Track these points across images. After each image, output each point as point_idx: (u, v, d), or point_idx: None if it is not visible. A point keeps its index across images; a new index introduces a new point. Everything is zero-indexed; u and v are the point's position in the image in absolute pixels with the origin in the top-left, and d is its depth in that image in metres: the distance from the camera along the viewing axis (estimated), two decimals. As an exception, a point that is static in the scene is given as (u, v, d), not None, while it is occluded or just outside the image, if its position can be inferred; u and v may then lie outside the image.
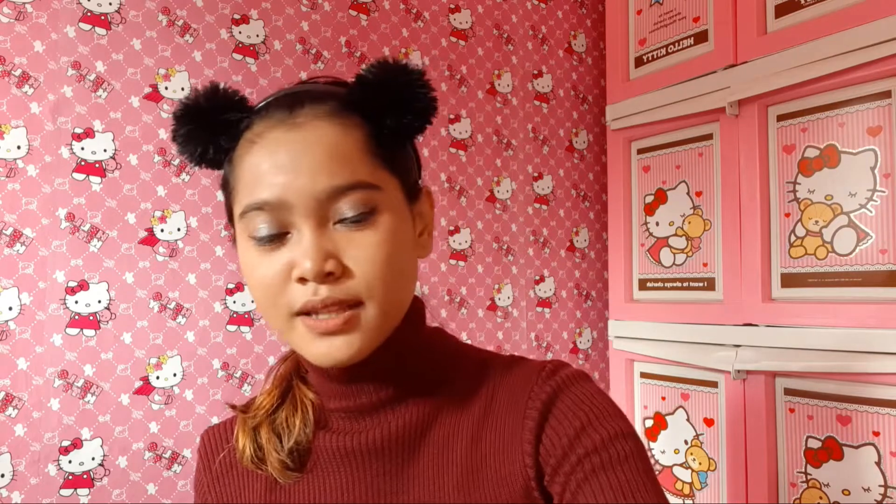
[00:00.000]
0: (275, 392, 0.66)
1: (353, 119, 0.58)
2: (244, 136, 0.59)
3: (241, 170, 0.58)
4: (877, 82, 1.16)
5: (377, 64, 0.58)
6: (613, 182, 1.69)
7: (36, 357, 1.15)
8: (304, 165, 0.55)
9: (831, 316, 1.20)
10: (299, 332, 0.57)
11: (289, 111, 0.57)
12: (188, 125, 0.59)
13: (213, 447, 0.69)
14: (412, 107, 0.58)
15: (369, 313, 0.56)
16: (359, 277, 0.55)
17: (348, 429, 0.62)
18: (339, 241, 0.55)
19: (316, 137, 0.56)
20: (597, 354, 1.82)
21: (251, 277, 0.58)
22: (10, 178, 1.15)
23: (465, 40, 1.66)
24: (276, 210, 0.55)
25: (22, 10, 1.17)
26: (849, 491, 1.17)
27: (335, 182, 0.55)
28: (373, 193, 0.56)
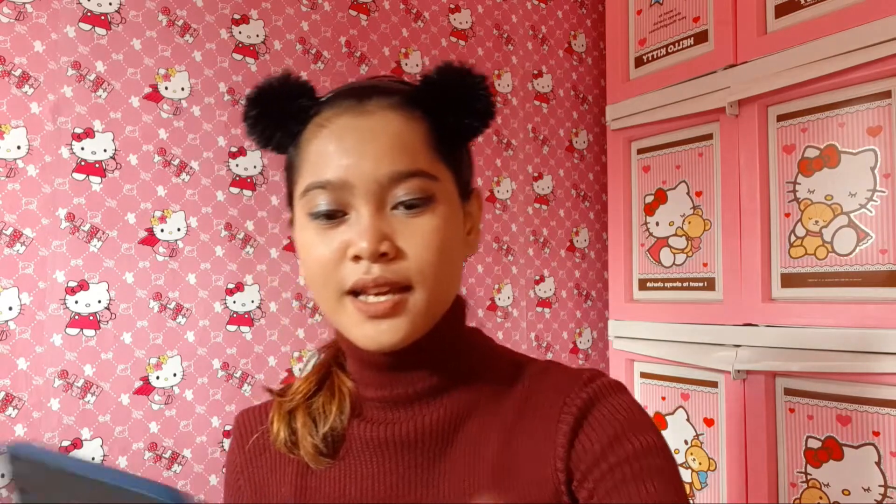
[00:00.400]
0: (313, 378, 0.67)
1: (417, 114, 0.60)
2: (312, 121, 0.61)
3: (307, 152, 0.60)
4: (877, 82, 1.16)
5: (443, 65, 0.61)
6: (613, 182, 1.69)
7: (36, 357, 1.15)
8: (369, 150, 0.57)
9: (831, 316, 1.20)
10: (348, 313, 0.59)
11: (357, 100, 0.60)
12: (260, 108, 0.62)
13: (247, 429, 0.70)
14: (473, 108, 0.61)
15: (417, 298, 0.58)
16: (411, 260, 0.57)
17: (383, 419, 0.63)
18: (396, 225, 0.57)
19: (382, 125, 0.59)
20: (597, 354, 1.82)
21: (307, 254, 0.60)
22: (10, 178, 1.15)
23: (465, 40, 1.66)
24: (337, 190, 0.57)
25: (22, 10, 1.17)
26: (849, 491, 1.17)
27: (397, 168, 0.57)
28: (431, 183, 0.59)
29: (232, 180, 1.35)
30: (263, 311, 1.36)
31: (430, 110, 0.61)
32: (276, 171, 1.39)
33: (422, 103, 0.61)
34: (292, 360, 1.39)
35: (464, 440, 0.62)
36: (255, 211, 1.37)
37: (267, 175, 1.38)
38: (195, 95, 1.32)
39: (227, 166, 1.34)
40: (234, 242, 1.34)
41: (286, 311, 1.39)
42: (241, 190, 1.36)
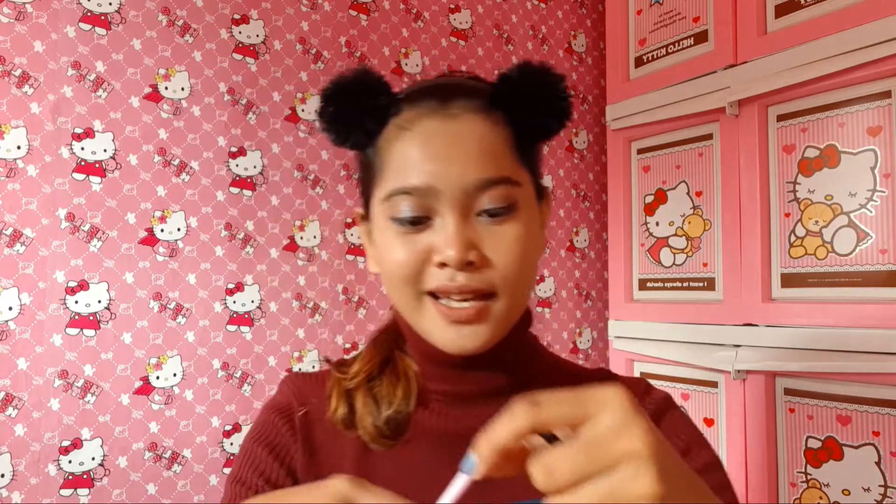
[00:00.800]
0: (374, 360, 0.67)
1: (499, 116, 0.60)
2: (393, 122, 0.60)
3: (389, 154, 0.60)
4: (877, 82, 1.16)
5: (522, 64, 0.60)
6: (613, 182, 1.69)
7: (36, 357, 1.15)
8: (456, 156, 0.57)
9: (831, 316, 1.20)
10: (429, 315, 0.59)
11: (441, 102, 0.59)
12: (337, 105, 0.61)
13: (304, 393, 0.68)
14: (552, 108, 0.60)
15: (499, 306, 0.59)
16: (496, 269, 0.57)
17: (448, 412, 0.63)
18: (480, 231, 0.58)
19: (468, 130, 0.58)
20: (597, 354, 1.82)
21: (388, 257, 0.60)
22: (10, 178, 1.15)
23: (465, 40, 1.66)
24: (423, 196, 0.57)
25: (22, 10, 1.17)
26: (849, 491, 1.17)
27: (484, 175, 0.57)
28: (514, 189, 0.59)
29: (232, 180, 1.35)
30: (263, 311, 1.36)
31: (510, 111, 0.60)
32: (276, 171, 1.40)
33: (502, 104, 0.60)
34: (292, 360, 1.39)
35: None
36: (255, 211, 1.37)
37: (267, 175, 1.38)
38: (195, 95, 1.32)
39: (227, 166, 1.34)
40: (234, 242, 1.34)
41: (286, 311, 1.39)
42: (241, 190, 1.36)
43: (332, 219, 1.45)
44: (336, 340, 1.44)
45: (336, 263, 1.45)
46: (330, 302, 1.44)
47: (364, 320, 1.48)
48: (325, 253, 1.44)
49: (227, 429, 1.31)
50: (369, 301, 1.49)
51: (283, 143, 1.41)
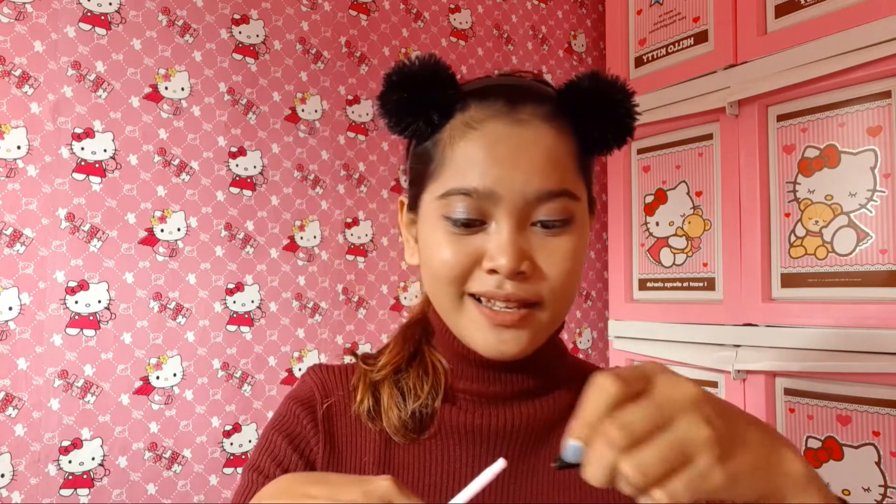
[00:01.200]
0: (402, 352, 0.66)
1: (566, 126, 0.59)
2: (458, 118, 0.59)
3: (451, 151, 0.58)
4: (877, 82, 1.16)
5: (593, 74, 0.59)
6: (613, 182, 1.69)
7: (36, 357, 1.15)
8: (521, 163, 0.56)
9: (831, 316, 1.20)
10: (470, 316, 0.59)
11: (511, 105, 0.58)
12: (402, 93, 0.59)
13: (327, 385, 0.67)
14: (620, 124, 0.59)
15: (543, 316, 0.58)
16: (546, 281, 0.57)
17: (476, 411, 0.63)
18: (535, 242, 0.57)
19: (536, 138, 0.57)
20: (597, 354, 1.82)
21: (434, 254, 0.59)
22: (10, 178, 1.15)
23: (465, 40, 1.66)
24: (482, 199, 0.56)
25: (22, 10, 1.17)
26: (849, 491, 1.17)
27: (547, 186, 0.56)
28: (573, 203, 0.58)
29: (232, 180, 1.35)
30: (263, 311, 1.36)
31: (577, 121, 0.59)
32: (276, 170, 1.40)
33: (570, 112, 0.59)
34: (292, 360, 1.39)
35: (554, 444, 0.62)
36: (255, 211, 1.37)
37: (267, 175, 1.38)
38: (195, 95, 1.32)
39: (227, 166, 1.34)
40: (234, 242, 1.34)
41: (286, 311, 1.39)
42: (241, 190, 1.36)
43: (332, 219, 1.45)
44: (336, 340, 1.44)
45: (336, 263, 1.45)
46: (330, 302, 1.44)
47: (364, 320, 1.48)
48: (325, 253, 1.44)
49: (227, 429, 1.31)
50: (369, 301, 1.49)
51: (282, 143, 1.41)
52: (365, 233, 1.49)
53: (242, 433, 1.32)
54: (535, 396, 0.64)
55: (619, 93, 0.59)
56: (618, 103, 0.59)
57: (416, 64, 0.59)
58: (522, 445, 0.62)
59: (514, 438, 0.62)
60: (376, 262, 1.50)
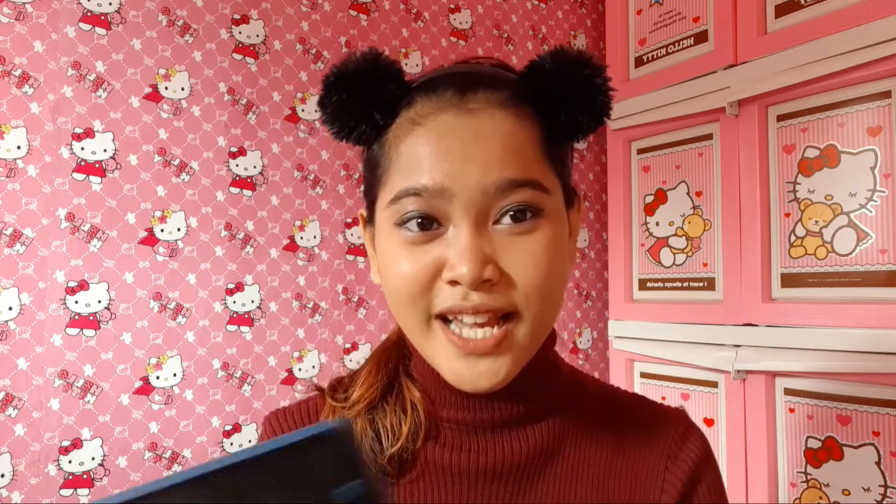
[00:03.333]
0: (376, 385, 0.59)
1: (527, 110, 0.52)
2: (404, 115, 0.53)
3: (397, 151, 0.52)
4: (877, 82, 1.16)
5: (556, 52, 0.52)
6: (613, 182, 1.69)
7: (36, 357, 1.15)
8: (476, 154, 0.49)
9: (831, 316, 1.20)
10: (438, 343, 0.52)
11: (460, 94, 0.52)
12: (341, 94, 0.53)
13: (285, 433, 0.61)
14: (589, 105, 0.52)
15: (522, 331, 0.51)
16: (517, 286, 0.50)
17: (462, 444, 0.56)
18: (499, 243, 0.50)
19: (492, 126, 0.51)
20: (597, 354, 1.82)
21: (391, 270, 0.52)
22: (10, 178, 1.15)
23: (465, 40, 1.66)
24: (434, 198, 0.50)
25: (22, 10, 1.17)
26: (849, 491, 1.17)
27: (507, 175, 0.49)
28: (541, 195, 0.51)
29: (232, 180, 1.35)
30: (263, 311, 1.36)
31: (540, 105, 0.53)
32: (276, 170, 1.40)
33: (531, 98, 0.53)
34: (292, 360, 1.39)
35: (555, 477, 0.57)
36: (255, 211, 1.37)
37: (267, 175, 1.38)
38: (195, 95, 1.32)
39: (227, 166, 1.34)
40: (234, 242, 1.34)
41: (286, 311, 1.39)
42: (241, 190, 1.36)
43: (332, 219, 1.45)
44: (336, 340, 1.44)
45: (336, 263, 1.45)
46: (330, 302, 1.44)
47: (364, 320, 1.48)
48: (325, 253, 1.44)
49: (227, 429, 1.31)
50: (369, 301, 1.49)
51: (283, 143, 1.41)
52: (365, 233, 1.49)
53: (242, 433, 1.32)
54: (529, 423, 0.57)
55: (587, 68, 0.51)
56: (586, 80, 0.51)
57: (355, 61, 0.53)
58: (516, 483, 0.56)
59: (506, 477, 0.56)
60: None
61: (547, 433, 0.57)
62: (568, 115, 0.52)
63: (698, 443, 0.60)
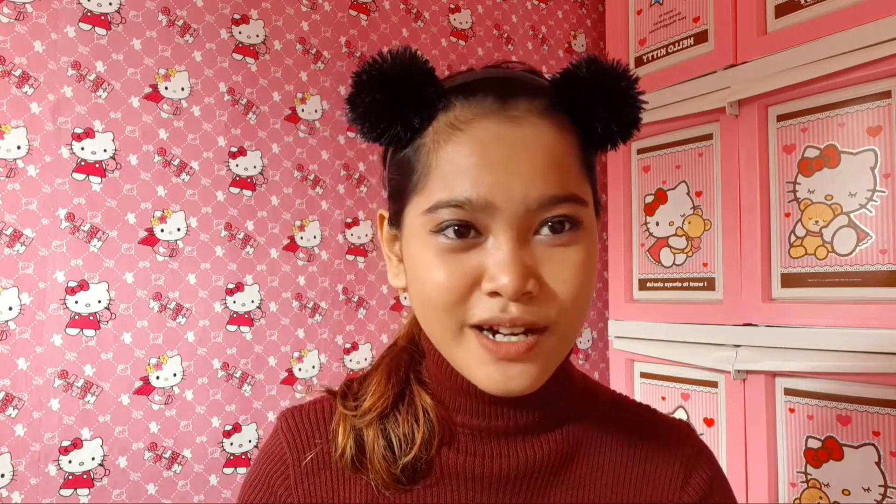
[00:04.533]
0: (388, 393, 0.58)
1: (566, 121, 0.52)
2: (441, 119, 0.51)
3: (436, 158, 0.51)
4: (877, 82, 1.16)
5: (590, 60, 0.51)
6: (613, 182, 1.69)
7: (36, 357, 1.15)
8: (520, 167, 0.48)
9: (831, 316, 1.20)
10: (470, 349, 0.51)
11: (502, 100, 0.50)
12: (374, 94, 0.51)
13: (303, 437, 0.58)
14: (625, 116, 0.52)
15: (552, 341, 0.51)
16: (555, 299, 0.50)
17: (477, 450, 0.56)
18: (539, 256, 0.50)
19: (534, 136, 0.49)
20: (597, 354, 1.82)
21: (425, 277, 0.51)
22: (10, 178, 1.15)
23: (465, 40, 1.66)
24: (476, 211, 0.48)
25: (22, 10, 1.17)
26: (849, 491, 1.17)
27: (551, 191, 0.49)
28: (580, 209, 0.51)
29: (232, 180, 1.35)
30: (263, 311, 1.36)
31: (576, 115, 0.52)
32: (276, 170, 1.40)
33: (567, 106, 0.52)
34: (292, 360, 1.39)
35: (571, 482, 0.57)
36: (255, 211, 1.37)
37: (267, 175, 1.38)
38: (195, 95, 1.32)
39: (226, 166, 1.34)
40: (234, 242, 1.34)
41: (286, 311, 1.39)
42: (241, 190, 1.36)
43: (332, 219, 1.45)
44: (336, 340, 1.44)
45: (336, 263, 1.45)
46: (330, 302, 1.44)
47: (364, 320, 1.48)
48: (325, 253, 1.44)
49: (227, 429, 1.31)
50: (369, 301, 1.49)
51: (282, 143, 1.41)
52: (365, 233, 1.49)
53: (242, 433, 1.32)
54: (543, 431, 0.57)
55: (622, 80, 0.52)
56: (621, 92, 0.51)
57: (389, 60, 0.51)
58: (530, 490, 0.56)
59: (521, 483, 0.56)
60: (376, 262, 1.50)
61: (562, 440, 0.58)
62: (604, 125, 0.51)
63: (712, 462, 0.62)
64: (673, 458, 0.60)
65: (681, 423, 0.63)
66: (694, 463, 0.60)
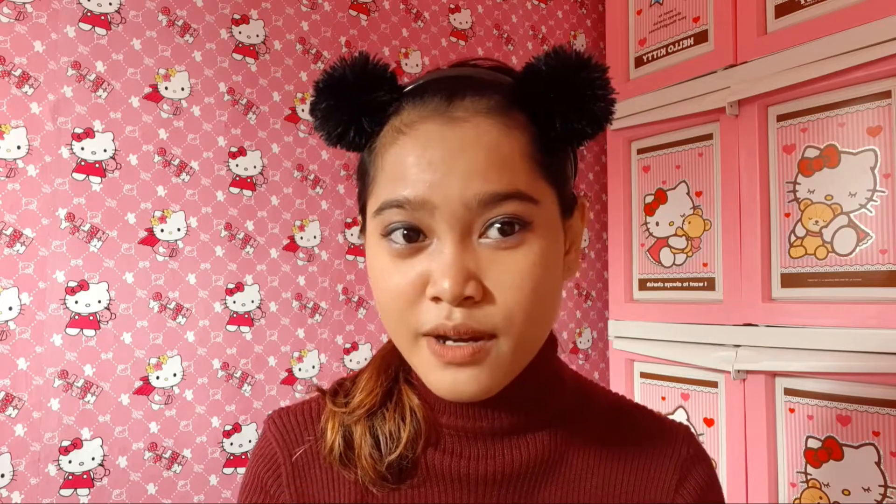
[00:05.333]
0: (376, 391, 0.58)
1: (518, 118, 0.51)
2: (391, 123, 0.52)
3: (383, 160, 0.51)
4: (877, 82, 1.16)
5: (551, 54, 0.50)
6: (613, 182, 1.69)
7: (36, 357, 1.15)
8: (458, 165, 0.48)
9: (831, 316, 1.20)
10: (423, 356, 0.51)
11: (447, 101, 0.51)
12: (329, 100, 0.53)
13: (293, 435, 0.59)
14: (588, 110, 0.50)
15: (502, 348, 0.50)
16: (499, 305, 0.49)
17: (462, 451, 0.56)
18: (483, 259, 0.49)
19: (475, 136, 0.49)
20: (597, 354, 1.82)
21: (380, 283, 0.52)
22: (10, 178, 1.15)
23: (465, 40, 1.66)
24: (417, 210, 0.49)
25: (22, 10, 1.17)
26: (849, 491, 1.17)
27: (490, 188, 0.48)
28: (529, 207, 0.49)
29: (232, 180, 1.35)
30: (263, 311, 1.36)
31: (533, 113, 0.51)
32: (276, 170, 1.39)
33: (524, 103, 0.51)
34: (292, 360, 1.39)
35: (557, 484, 0.57)
36: (255, 211, 1.37)
37: (267, 175, 1.38)
38: (195, 95, 1.32)
39: (227, 166, 1.34)
40: (234, 242, 1.34)
41: (286, 311, 1.39)
42: (241, 190, 1.36)
43: (332, 219, 1.45)
44: (336, 340, 1.44)
45: (336, 263, 1.45)
46: (330, 302, 1.44)
47: (364, 320, 1.48)
48: (325, 253, 1.44)
49: (227, 429, 1.31)
50: (369, 301, 1.49)
51: (282, 143, 1.41)
52: (365, 233, 1.49)
53: (242, 433, 1.32)
54: (530, 431, 0.57)
55: (583, 70, 0.50)
56: (583, 84, 0.50)
57: (345, 66, 0.52)
58: (516, 491, 0.56)
59: (506, 484, 0.56)
60: (376, 262, 1.50)
61: (549, 441, 0.57)
62: (563, 121, 0.50)
63: (708, 468, 0.61)
64: (668, 460, 0.60)
65: (679, 425, 0.63)
66: (689, 466, 0.60)
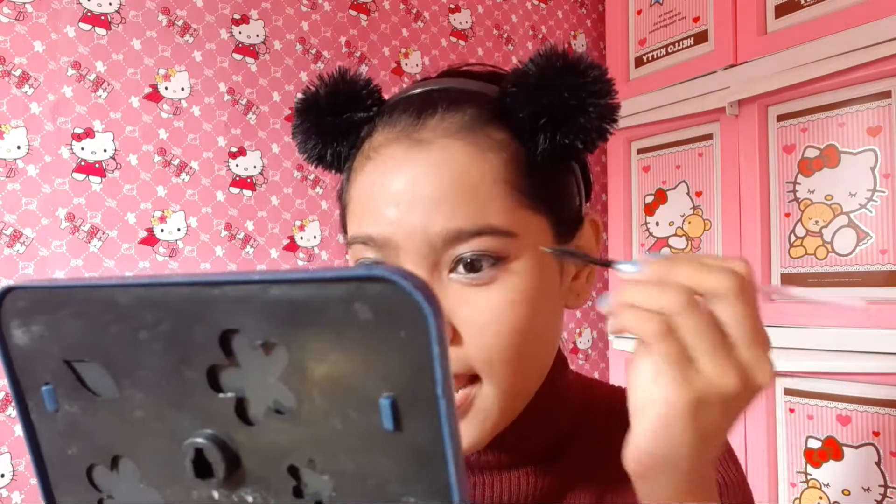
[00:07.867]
0: None
1: (497, 134, 0.45)
2: (364, 145, 0.48)
3: (353, 188, 0.48)
4: (877, 82, 1.16)
5: (543, 56, 0.44)
6: (613, 182, 1.69)
7: (36, 357, 1.15)
8: (421, 197, 0.43)
9: (831, 316, 1.20)
10: None
11: (415, 120, 0.45)
12: (306, 122, 0.50)
13: None
14: (574, 122, 0.43)
15: (486, 393, 0.44)
16: (472, 347, 0.43)
17: (474, 489, 0.52)
18: (453, 296, 0.43)
19: (440, 161, 0.43)
20: (597, 354, 1.82)
21: None
22: (10, 178, 1.15)
23: (465, 40, 1.66)
24: (382, 248, 0.44)
25: (22, 10, 1.17)
26: (849, 491, 1.17)
27: (454, 224, 0.42)
28: (503, 242, 0.43)
29: (232, 180, 1.35)
30: (263, 311, 1.36)
31: (517, 128, 0.45)
32: (276, 170, 1.39)
33: (507, 116, 0.45)
34: (292, 360, 1.39)
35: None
36: (255, 211, 1.37)
37: (267, 175, 1.38)
38: (195, 95, 1.32)
39: (227, 166, 1.34)
40: (234, 242, 1.34)
41: (286, 311, 1.39)
42: (241, 190, 1.36)
43: (332, 219, 1.45)
44: (336, 340, 1.44)
45: (336, 263, 1.45)
46: (330, 302, 1.44)
47: (364, 320, 1.48)
48: (325, 253, 1.44)
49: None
50: (369, 301, 1.49)
51: (283, 143, 1.41)
52: (365, 233, 1.49)
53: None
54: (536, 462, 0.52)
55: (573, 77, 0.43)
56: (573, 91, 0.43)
57: (320, 86, 0.49)
58: None
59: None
60: (376, 262, 1.50)
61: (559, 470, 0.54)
62: (549, 137, 0.44)
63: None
64: None
65: None
66: None
